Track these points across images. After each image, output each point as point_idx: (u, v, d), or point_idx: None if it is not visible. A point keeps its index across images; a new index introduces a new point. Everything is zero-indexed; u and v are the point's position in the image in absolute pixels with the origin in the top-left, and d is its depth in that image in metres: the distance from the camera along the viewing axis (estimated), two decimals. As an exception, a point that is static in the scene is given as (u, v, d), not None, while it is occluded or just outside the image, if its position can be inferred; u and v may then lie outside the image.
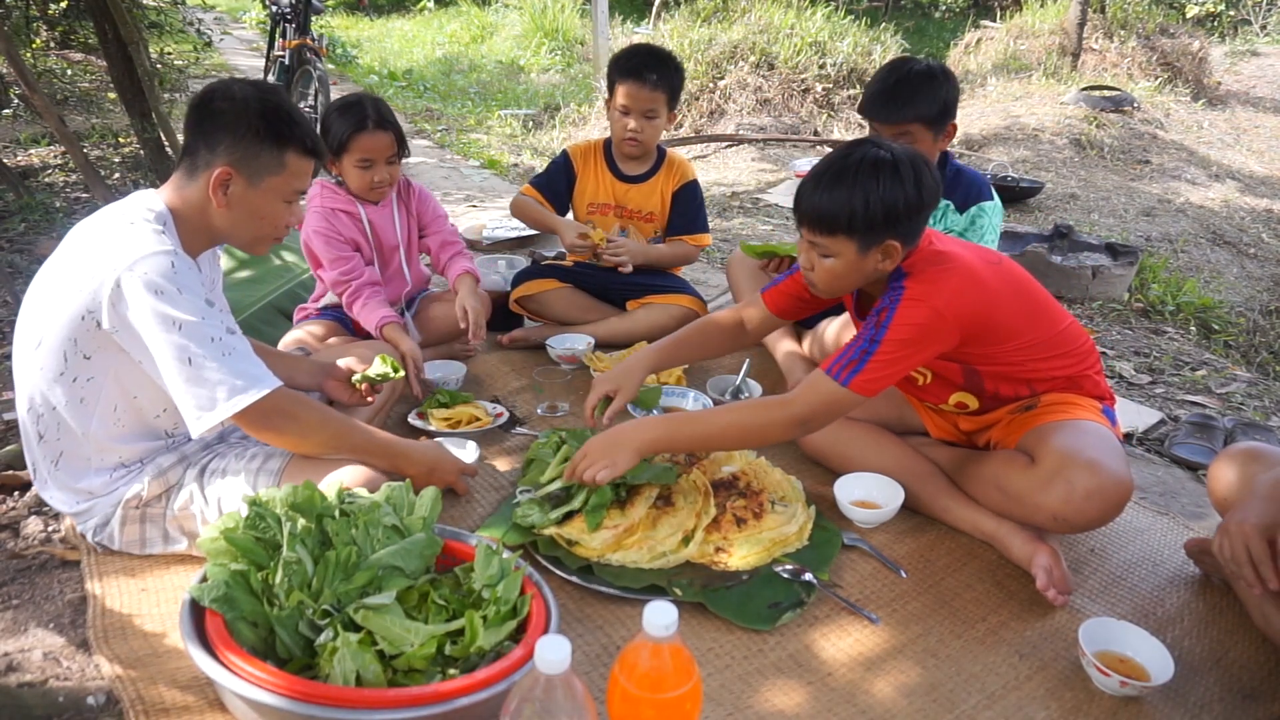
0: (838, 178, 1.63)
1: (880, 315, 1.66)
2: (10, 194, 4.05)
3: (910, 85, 2.16)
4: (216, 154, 1.53)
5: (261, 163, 1.55)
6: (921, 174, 1.62)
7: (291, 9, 5.77)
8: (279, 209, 1.61)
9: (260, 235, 1.64)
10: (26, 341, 1.53)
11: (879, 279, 1.74)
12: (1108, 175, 6.29)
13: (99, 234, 1.51)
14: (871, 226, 1.61)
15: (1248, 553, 1.40)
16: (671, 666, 1.07)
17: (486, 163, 5.91)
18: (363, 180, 2.35)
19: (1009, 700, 1.45)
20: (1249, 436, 2.42)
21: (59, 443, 1.57)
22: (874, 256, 1.66)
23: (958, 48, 9.34)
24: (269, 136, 1.54)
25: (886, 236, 1.63)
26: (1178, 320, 3.77)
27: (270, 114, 1.54)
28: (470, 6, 12.99)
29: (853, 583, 1.73)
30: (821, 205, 1.64)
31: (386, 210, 2.49)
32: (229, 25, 14.16)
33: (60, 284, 1.49)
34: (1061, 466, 1.62)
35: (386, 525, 1.40)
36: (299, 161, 1.59)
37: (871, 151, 1.63)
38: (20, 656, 1.43)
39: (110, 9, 3.89)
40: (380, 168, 2.35)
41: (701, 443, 1.81)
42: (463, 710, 1.17)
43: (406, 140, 2.42)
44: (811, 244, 1.71)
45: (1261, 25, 11.54)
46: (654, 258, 2.75)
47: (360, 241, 2.44)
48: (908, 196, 1.60)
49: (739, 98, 7.01)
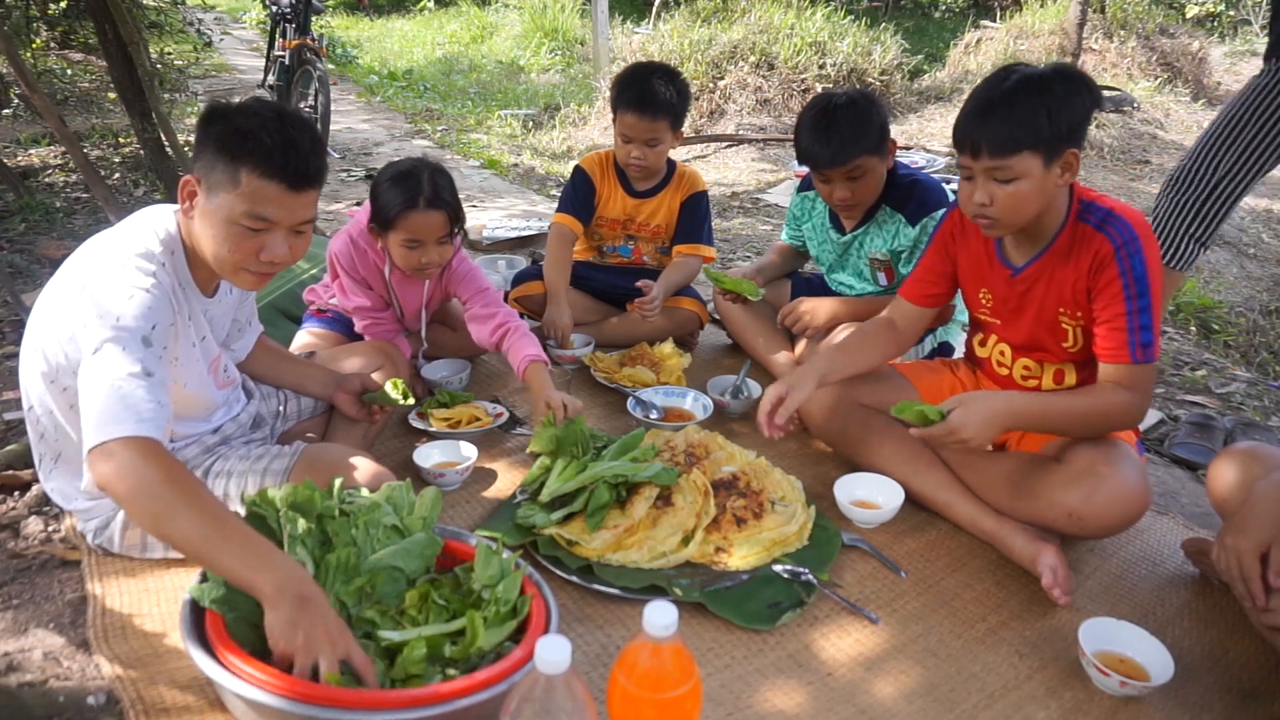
0: (1009, 98, 1.59)
1: (1130, 269, 1.61)
2: (10, 194, 4.05)
3: (844, 123, 2.18)
4: (195, 162, 1.48)
5: (216, 176, 1.44)
6: (1088, 81, 1.62)
7: (291, 9, 5.78)
8: (234, 231, 1.45)
9: (225, 259, 1.48)
10: (29, 343, 1.54)
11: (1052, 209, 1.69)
12: (1108, 175, 6.29)
13: (107, 264, 1.45)
14: (1058, 136, 1.58)
15: (1240, 569, 1.44)
16: (671, 666, 1.07)
17: (486, 163, 5.92)
18: (409, 260, 2.12)
19: (1009, 700, 1.45)
20: (1249, 436, 2.42)
21: (57, 443, 1.59)
22: (1055, 172, 1.62)
23: (958, 48, 9.33)
24: (225, 147, 1.42)
25: (1067, 146, 1.60)
26: (1178, 320, 3.77)
27: (231, 124, 1.43)
28: (470, 6, 13.00)
29: (853, 583, 1.73)
30: (1002, 125, 1.59)
31: (417, 281, 2.30)
32: (229, 25, 14.16)
33: (57, 297, 1.49)
34: (1090, 467, 1.65)
35: (387, 525, 1.40)
36: (257, 182, 1.42)
37: (1029, 70, 1.62)
38: (20, 656, 1.43)
39: (110, 9, 3.89)
40: (430, 249, 2.10)
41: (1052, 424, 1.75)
42: (463, 711, 1.17)
43: (463, 216, 2.18)
44: (990, 171, 1.63)
45: (1261, 25, 11.53)
46: (672, 289, 2.71)
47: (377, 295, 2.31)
48: (1084, 102, 1.59)
49: (739, 98, 7.01)
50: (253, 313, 1.91)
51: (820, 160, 2.23)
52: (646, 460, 1.86)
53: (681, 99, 2.57)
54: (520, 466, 2.11)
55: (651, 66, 2.61)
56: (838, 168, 2.22)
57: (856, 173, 2.23)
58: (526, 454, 2.16)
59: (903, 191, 2.35)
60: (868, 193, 2.31)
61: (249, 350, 1.92)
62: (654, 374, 2.52)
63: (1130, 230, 1.62)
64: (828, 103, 2.22)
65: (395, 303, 2.35)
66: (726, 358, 2.84)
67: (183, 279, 1.56)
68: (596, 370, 2.53)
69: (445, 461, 2.03)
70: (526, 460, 2.13)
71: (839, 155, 2.19)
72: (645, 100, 2.51)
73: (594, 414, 2.41)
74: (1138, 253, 1.61)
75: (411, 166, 2.09)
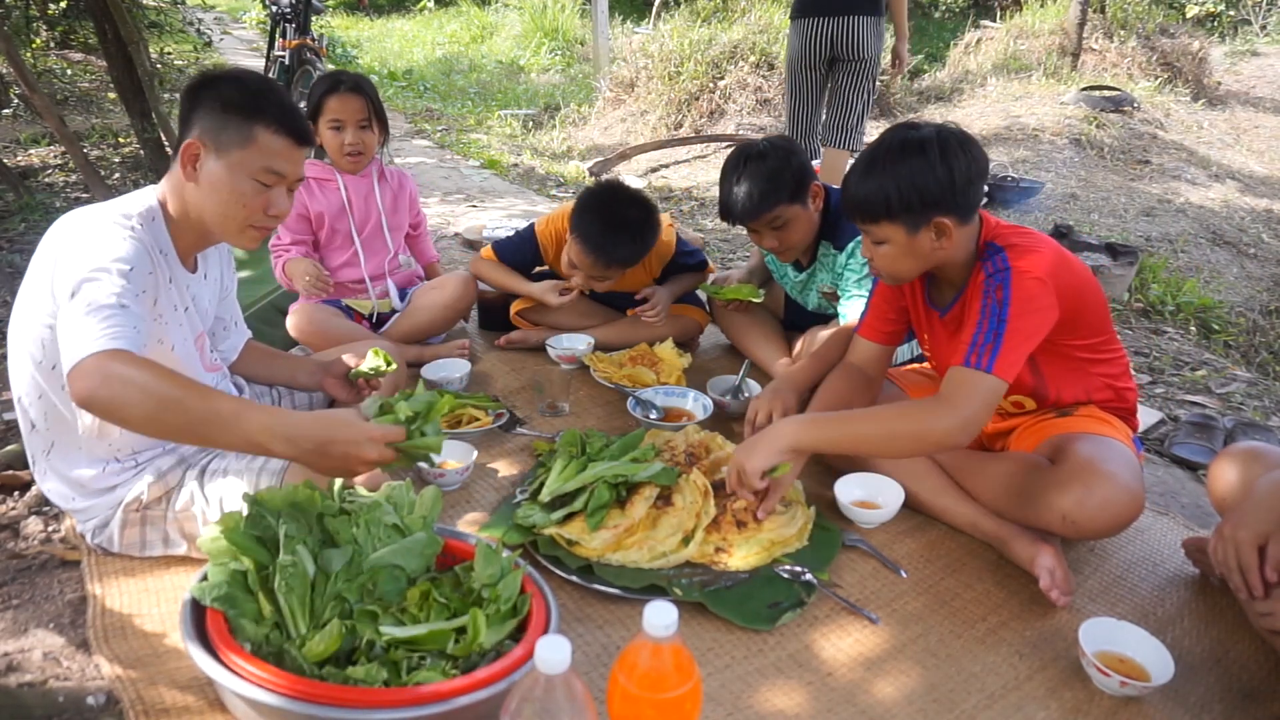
0: (870, 165, 1.66)
1: (996, 293, 1.63)
2: (10, 194, 4.05)
3: (758, 176, 2.18)
4: (190, 129, 1.51)
5: (229, 135, 1.50)
6: (949, 149, 1.62)
7: (291, 9, 5.77)
8: (248, 187, 1.52)
9: (232, 217, 1.54)
10: (15, 331, 1.54)
11: (953, 261, 1.73)
12: (1108, 175, 6.29)
13: (81, 228, 1.47)
14: (909, 208, 1.63)
15: (1237, 560, 1.44)
16: (671, 666, 1.07)
17: (486, 163, 5.91)
18: (334, 142, 2.46)
19: (1009, 700, 1.45)
20: (1249, 436, 2.42)
21: (49, 432, 1.58)
22: (926, 236, 1.66)
23: (958, 48, 9.33)
24: (236, 107, 1.49)
25: (932, 215, 1.64)
26: (1178, 320, 3.77)
27: (242, 86, 1.51)
28: (470, 6, 13.00)
29: (853, 583, 1.73)
30: (860, 194, 1.68)
31: (366, 181, 2.57)
32: (229, 25, 14.15)
33: (39, 276, 1.48)
34: (1082, 470, 1.64)
35: (387, 524, 1.40)
36: (270, 138, 1.52)
37: (900, 135, 1.66)
38: (20, 656, 1.43)
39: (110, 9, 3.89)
40: (351, 130, 2.44)
41: (850, 445, 1.76)
42: (463, 710, 1.17)
43: (385, 117, 2.52)
44: (864, 233, 1.73)
45: (1261, 25, 11.54)
46: (674, 296, 2.71)
47: (333, 212, 2.52)
48: (937, 175, 1.61)
49: (739, 98, 7.01)
50: (238, 314, 1.95)
51: (735, 215, 2.24)
52: (646, 460, 1.86)
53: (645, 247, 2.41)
54: (520, 466, 2.11)
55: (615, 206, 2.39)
56: (755, 220, 2.23)
57: (777, 223, 2.24)
58: (526, 454, 2.16)
59: (833, 222, 2.34)
60: (796, 238, 2.30)
61: (239, 351, 1.96)
62: (654, 374, 2.52)
63: (1005, 262, 1.64)
64: (743, 156, 2.22)
65: (350, 215, 2.55)
66: (726, 358, 2.84)
67: (162, 244, 1.57)
68: (596, 370, 2.52)
69: (445, 461, 2.03)
70: (526, 460, 2.14)
71: (753, 210, 2.20)
72: (605, 250, 2.36)
73: (594, 414, 2.41)
74: (1005, 283, 1.62)
75: (340, 71, 2.50)
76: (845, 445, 1.77)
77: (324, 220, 2.53)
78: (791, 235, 2.28)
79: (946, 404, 1.60)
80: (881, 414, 1.72)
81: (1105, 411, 1.86)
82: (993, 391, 1.59)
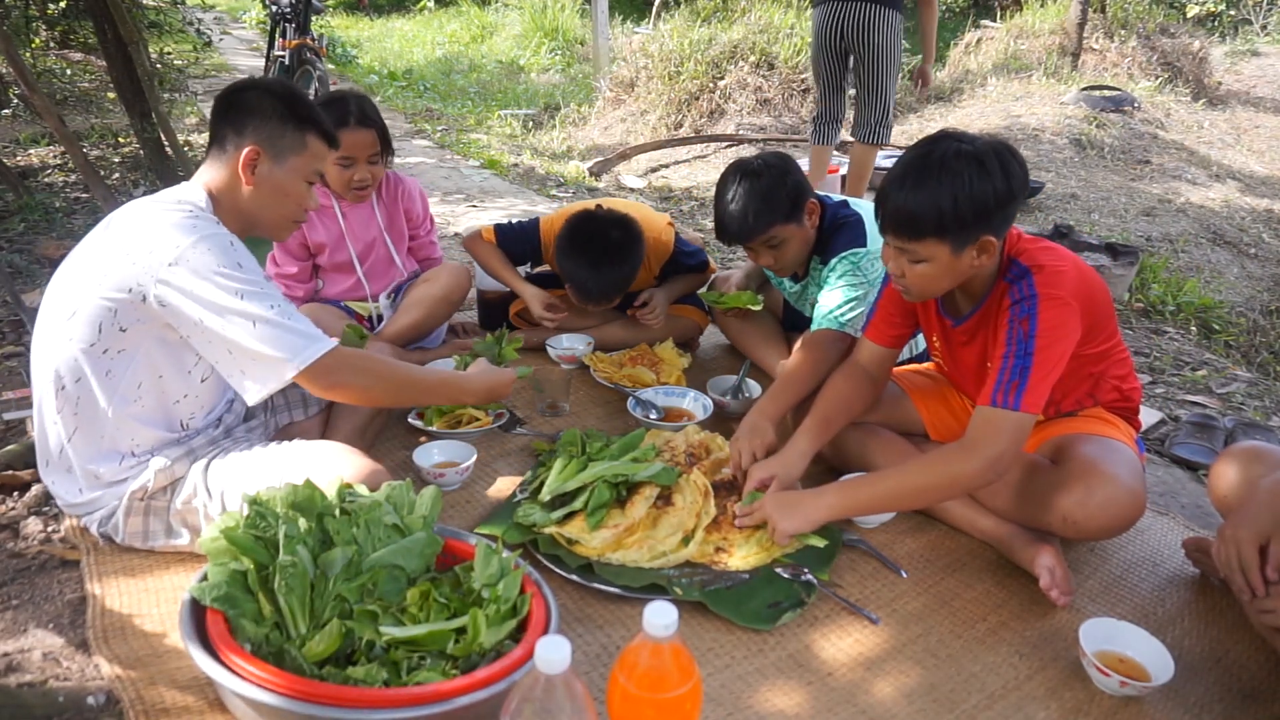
0: (921, 176, 1.53)
1: (1023, 325, 1.57)
2: (10, 194, 4.05)
3: (752, 196, 2.16)
4: (244, 136, 1.64)
5: (286, 143, 1.66)
6: (1008, 163, 1.54)
7: (291, 9, 5.78)
8: (302, 188, 1.71)
9: (285, 215, 1.73)
10: (58, 313, 1.55)
11: (980, 276, 1.68)
12: (1108, 175, 6.29)
13: (151, 216, 1.55)
14: (963, 225, 1.53)
15: (1239, 560, 1.44)
16: (671, 666, 1.07)
17: (486, 163, 5.91)
18: (342, 178, 2.35)
19: (1009, 700, 1.45)
20: (1249, 436, 2.42)
21: (76, 417, 1.57)
22: (969, 255, 1.58)
23: (958, 47, 9.33)
24: (292, 118, 1.67)
25: (981, 233, 1.55)
26: (1178, 320, 3.77)
27: (293, 100, 1.69)
28: (470, 6, 13.00)
29: (853, 583, 1.73)
30: (907, 208, 1.55)
31: (365, 207, 2.49)
32: (229, 25, 14.15)
33: (105, 258, 1.52)
34: (1084, 471, 1.64)
35: (387, 524, 1.40)
36: (318, 144, 1.71)
37: (953, 145, 1.54)
38: (20, 656, 1.43)
39: (110, 9, 3.89)
40: (361, 166, 2.35)
41: (885, 506, 1.79)
42: (463, 710, 1.17)
43: (390, 140, 2.42)
44: (900, 250, 1.61)
45: (1262, 25, 11.54)
46: (674, 297, 2.71)
47: (332, 241, 2.45)
48: (997, 189, 1.52)
49: (739, 98, 7.01)
50: None
51: (731, 235, 2.23)
52: (646, 460, 1.86)
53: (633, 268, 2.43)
54: (520, 466, 2.11)
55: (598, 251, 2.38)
56: (750, 241, 2.22)
57: (773, 242, 2.22)
58: (526, 454, 2.16)
59: (825, 239, 2.32)
60: (792, 256, 2.28)
61: None
62: (654, 374, 2.52)
63: (1031, 289, 1.59)
64: (738, 174, 2.20)
65: (349, 242, 2.48)
66: (726, 358, 2.84)
67: None
68: (596, 370, 2.52)
69: (445, 461, 2.03)
70: (527, 460, 2.13)
71: (749, 231, 2.19)
72: (593, 294, 2.42)
73: (594, 414, 2.41)
74: (1032, 314, 1.57)
75: (341, 94, 2.33)
76: (881, 507, 1.80)
77: (324, 250, 2.48)
78: (787, 253, 2.26)
79: (971, 448, 1.59)
80: (911, 470, 1.72)
81: (1110, 412, 1.85)
82: (1020, 428, 1.57)
